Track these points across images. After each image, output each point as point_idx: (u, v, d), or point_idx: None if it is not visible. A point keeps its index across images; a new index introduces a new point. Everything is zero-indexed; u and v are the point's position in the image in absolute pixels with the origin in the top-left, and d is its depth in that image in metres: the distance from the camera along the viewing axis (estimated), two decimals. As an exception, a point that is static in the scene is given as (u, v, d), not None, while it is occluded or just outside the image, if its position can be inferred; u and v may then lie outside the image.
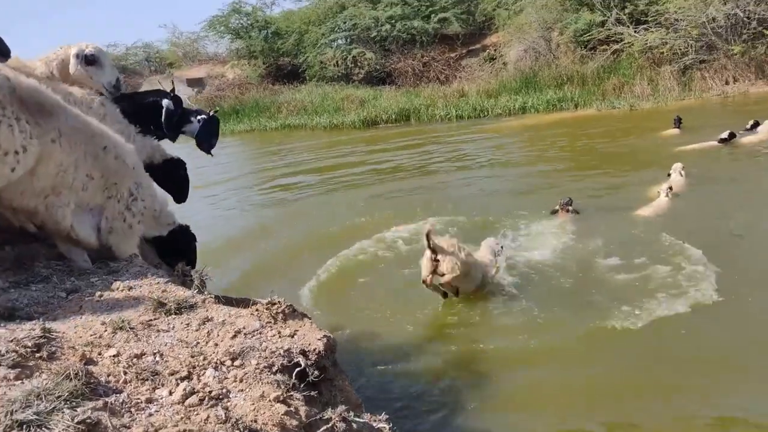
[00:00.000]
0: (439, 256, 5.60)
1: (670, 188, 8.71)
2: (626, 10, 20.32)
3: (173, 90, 4.66)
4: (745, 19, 18.17)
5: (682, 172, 9.46)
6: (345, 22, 27.52)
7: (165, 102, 4.45)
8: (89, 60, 3.92)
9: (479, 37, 27.42)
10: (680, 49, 19.13)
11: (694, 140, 11.85)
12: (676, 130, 13.30)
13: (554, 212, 8.43)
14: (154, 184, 3.88)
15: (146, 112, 4.39)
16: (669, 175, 9.41)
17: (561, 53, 22.45)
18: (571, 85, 20.66)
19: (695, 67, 19.12)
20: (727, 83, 18.54)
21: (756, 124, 11.99)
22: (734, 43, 18.33)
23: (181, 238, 3.93)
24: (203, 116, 4.81)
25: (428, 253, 5.64)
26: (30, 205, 3.05)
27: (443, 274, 5.64)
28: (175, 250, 3.89)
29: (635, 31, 19.95)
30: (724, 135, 11.38)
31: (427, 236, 5.54)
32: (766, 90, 17.69)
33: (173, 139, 4.68)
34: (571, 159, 12.73)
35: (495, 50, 25.29)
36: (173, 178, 4.45)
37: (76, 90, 3.95)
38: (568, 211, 8.35)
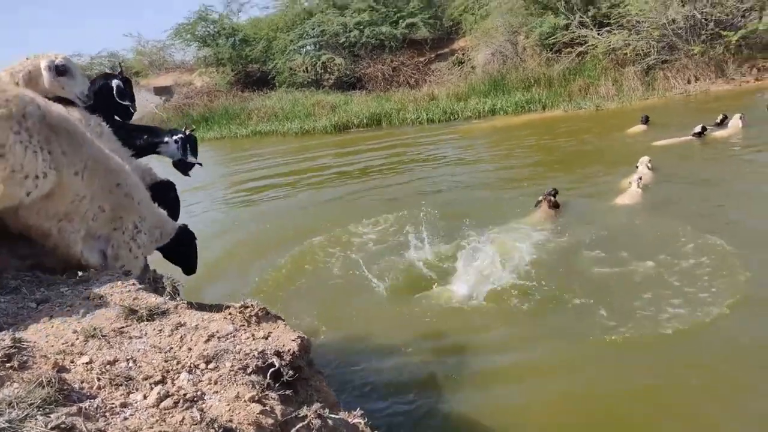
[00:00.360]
0: None
1: (640, 179, 9.02)
2: (589, 13, 20.77)
3: (121, 72, 4.62)
4: (702, 20, 18.73)
5: (649, 165, 9.80)
6: (313, 29, 27.50)
7: (114, 82, 4.46)
8: (60, 71, 3.87)
9: (447, 42, 27.69)
10: (643, 50, 19.62)
11: (660, 136, 12.23)
12: (643, 126, 13.73)
13: (538, 203, 8.52)
14: (157, 210, 3.95)
15: (99, 97, 4.35)
16: (636, 167, 9.67)
17: (527, 56, 22.80)
18: (538, 87, 21.01)
19: (658, 67, 19.63)
20: (689, 82, 19.07)
21: (724, 119, 12.42)
22: (694, 44, 18.88)
23: (183, 238, 4.11)
24: (179, 136, 4.76)
25: None
26: (44, 226, 3.27)
27: None
28: (178, 252, 4.13)
29: (599, 34, 20.40)
30: (697, 129, 11.84)
31: None
32: (726, 88, 18.25)
33: (126, 118, 4.63)
34: (542, 157, 12.99)
35: (463, 54, 25.56)
36: (164, 200, 4.42)
37: (74, 111, 3.92)
38: (551, 201, 8.40)
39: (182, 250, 4.16)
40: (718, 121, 12.46)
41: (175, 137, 4.70)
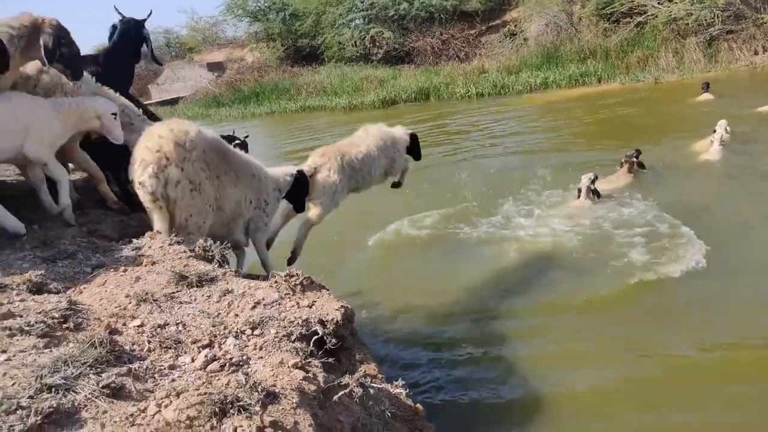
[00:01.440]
0: None
1: (721, 138, 9.02)
2: (650, -19, 19.81)
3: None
4: (775, -15, 17.60)
5: (728, 129, 9.51)
6: (362, 2, 27.27)
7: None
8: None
9: (499, 13, 26.96)
10: (706, 20, 18.58)
11: (731, 105, 11.63)
12: (708, 95, 13.26)
13: (621, 165, 8.52)
14: (274, 175, 4.47)
15: None
16: (714, 131, 9.36)
17: (583, 27, 21.98)
18: (594, 59, 20.26)
19: (722, 38, 18.58)
20: (756, 53, 17.99)
21: None
22: (764, 11, 17.74)
23: (296, 185, 4.64)
24: (235, 142, 5.16)
25: None
26: (220, 232, 3.90)
27: None
28: (290, 195, 4.64)
29: (659, 3, 19.41)
30: None
31: None
32: (798, 59, 17.17)
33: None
34: (604, 131, 12.57)
35: (515, 26, 24.86)
36: None
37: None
38: (633, 164, 8.36)
39: (294, 192, 4.66)
40: None
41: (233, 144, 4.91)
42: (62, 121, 3.81)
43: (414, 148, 5.77)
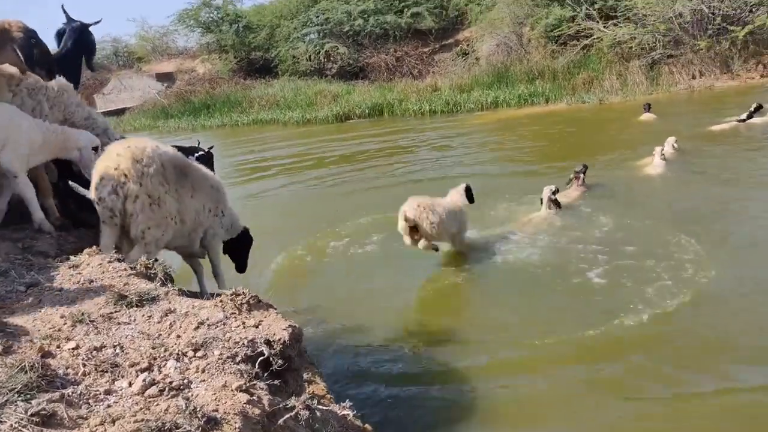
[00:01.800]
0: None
1: (663, 152, 9.67)
2: (596, 6, 20.54)
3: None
4: (710, 14, 18.53)
5: (675, 145, 10.25)
6: (317, 16, 27.31)
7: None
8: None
9: (452, 32, 27.47)
10: (648, 44, 19.42)
11: (671, 126, 12.26)
12: (650, 115, 13.95)
13: (569, 182, 8.95)
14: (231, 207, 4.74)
15: None
16: (663, 147, 10.01)
17: (532, 48, 22.60)
18: (542, 79, 20.81)
19: (663, 62, 19.44)
20: (693, 77, 18.88)
21: (759, 107, 12.30)
22: (700, 38, 18.69)
23: (243, 239, 4.91)
24: (200, 153, 5.30)
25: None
26: (182, 243, 4.25)
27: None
28: (237, 249, 4.91)
29: (604, 27, 20.19)
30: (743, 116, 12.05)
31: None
32: (730, 84, 18.08)
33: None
34: (551, 149, 12.92)
35: (468, 45, 25.35)
36: None
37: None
38: (582, 178, 8.89)
39: (240, 248, 4.91)
40: (753, 109, 12.35)
41: (195, 155, 4.98)
42: (46, 144, 3.92)
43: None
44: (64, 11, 5.18)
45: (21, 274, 3.06)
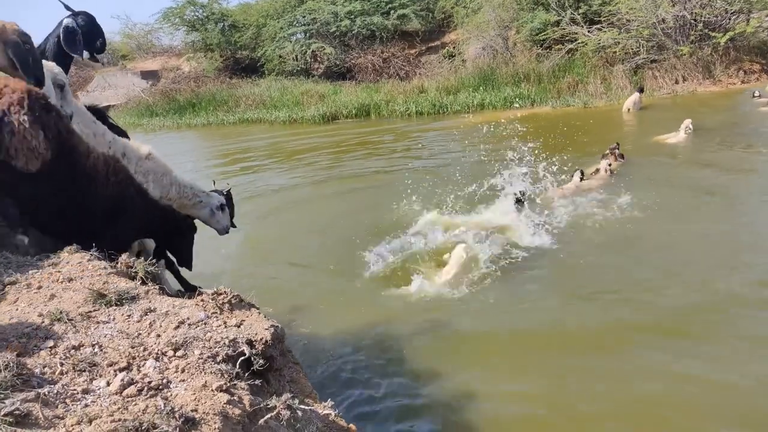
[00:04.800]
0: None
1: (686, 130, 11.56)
2: (580, 10, 20.74)
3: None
4: (692, 21, 18.79)
5: (690, 127, 11.69)
6: (304, 16, 27.22)
7: (66, 21, 4.39)
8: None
9: (438, 35, 27.56)
10: (632, 49, 19.65)
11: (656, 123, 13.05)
12: (637, 96, 15.88)
13: (604, 156, 9.81)
14: None
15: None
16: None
17: (518, 51, 22.74)
18: (527, 82, 20.95)
19: (646, 67, 19.67)
20: (676, 82, 19.13)
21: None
22: (683, 44, 18.94)
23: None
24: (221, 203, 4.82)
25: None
26: None
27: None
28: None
29: (589, 31, 20.40)
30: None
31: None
32: (713, 90, 18.36)
33: (82, 55, 4.54)
34: (540, 147, 12.98)
35: (454, 47, 25.44)
36: None
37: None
38: (614, 155, 9.81)
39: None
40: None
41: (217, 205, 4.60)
42: None
43: None
44: (64, 4, 5.01)
45: (-2, 272, 3.00)
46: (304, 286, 6.55)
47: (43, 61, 3.84)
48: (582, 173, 9.14)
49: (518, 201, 8.05)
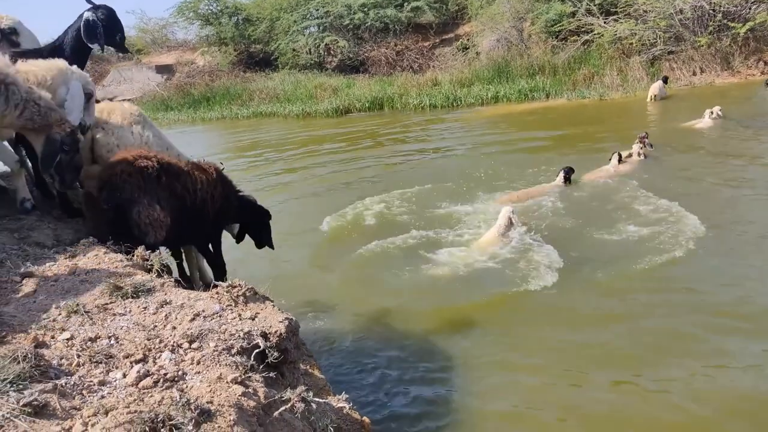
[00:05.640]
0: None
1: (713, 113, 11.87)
2: (596, 1, 20.49)
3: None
4: (710, 11, 18.47)
5: (720, 113, 11.94)
6: (317, 10, 27.20)
7: (86, 14, 4.45)
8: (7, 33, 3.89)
9: (452, 27, 27.38)
10: (649, 40, 19.37)
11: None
12: (661, 85, 16.04)
13: (638, 141, 10.14)
14: None
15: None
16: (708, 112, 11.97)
17: (532, 43, 22.53)
18: (542, 75, 20.75)
19: (663, 58, 19.39)
20: (694, 74, 18.85)
21: None
22: (701, 35, 18.64)
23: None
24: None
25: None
26: None
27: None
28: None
29: (605, 22, 20.15)
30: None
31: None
32: (731, 81, 18.05)
33: (102, 47, 4.63)
34: (556, 139, 12.96)
35: (468, 40, 25.27)
36: None
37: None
38: (644, 142, 10.10)
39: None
40: None
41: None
42: None
43: None
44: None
45: (17, 265, 3.04)
46: (318, 278, 6.55)
47: (75, 68, 3.88)
48: (620, 156, 9.57)
49: (566, 179, 8.79)
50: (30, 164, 4.28)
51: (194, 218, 3.74)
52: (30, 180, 4.39)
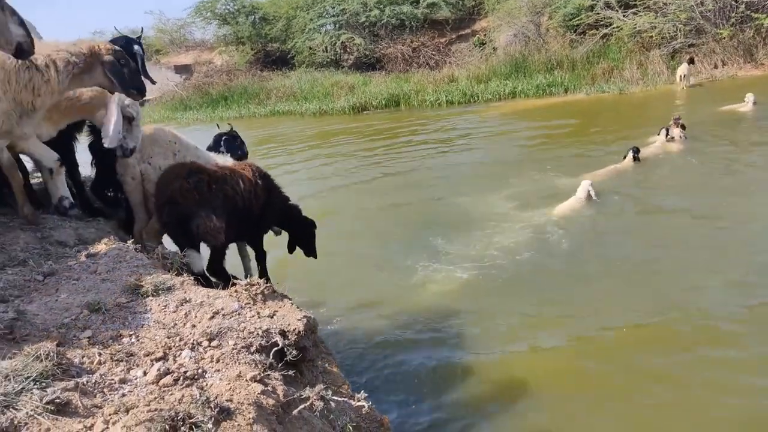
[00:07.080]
0: None
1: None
2: (615, -6, 20.26)
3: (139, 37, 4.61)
4: (733, 2, 18.15)
5: (755, 100, 12.27)
6: (333, 7, 27.25)
7: (136, 48, 4.47)
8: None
9: (469, 22, 27.24)
10: (669, 33, 19.08)
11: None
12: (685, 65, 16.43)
13: (669, 127, 10.42)
14: None
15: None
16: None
17: (550, 38, 22.34)
18: (560, 69, 20.56)
19: (684, 51, 19.09)
20: (715, 67, 18.54)
21: None
22: (722, 27, 18.31)
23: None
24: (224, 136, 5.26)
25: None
26: None
27: None
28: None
29: (624, 15, 19.88)
30: None
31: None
32: (754, 73, 17.71)
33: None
34: (578, 135, 12.87)
35: (485, 35, 25.14)
36: None
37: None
38: (678, 124, 10.40)
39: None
40: None
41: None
42: None
43: None
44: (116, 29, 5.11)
45: (39, 264, 3.07)
46: (337, 275, 6.55)
47: (117, 94, 3.92)
48: (667, 130, 10.28)
49: (635, 158, 9.43)
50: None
51: (244, 215, 4.01)
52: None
